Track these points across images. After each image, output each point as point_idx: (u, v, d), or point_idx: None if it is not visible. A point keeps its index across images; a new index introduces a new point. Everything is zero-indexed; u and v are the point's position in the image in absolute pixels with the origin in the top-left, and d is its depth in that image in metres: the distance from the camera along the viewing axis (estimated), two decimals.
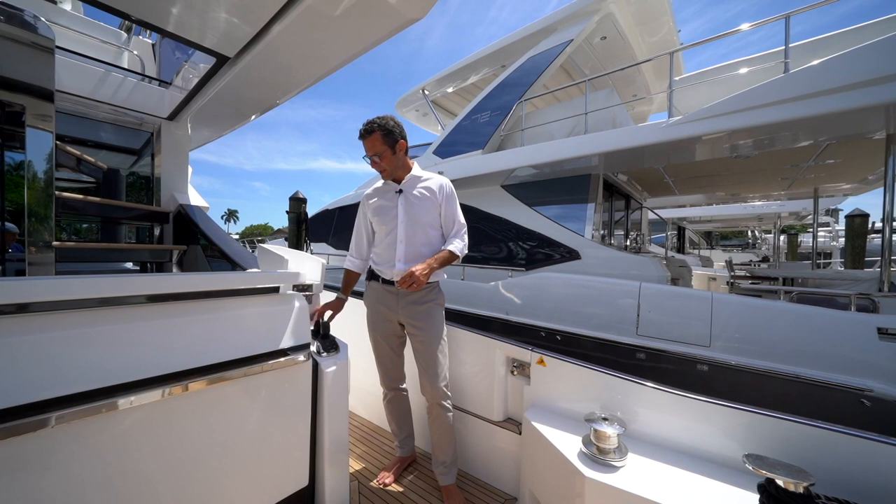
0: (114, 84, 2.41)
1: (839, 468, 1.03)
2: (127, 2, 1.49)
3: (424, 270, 1.62)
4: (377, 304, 1.87)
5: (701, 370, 3.16)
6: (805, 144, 3.71)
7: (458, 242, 1.78)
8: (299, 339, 1.35)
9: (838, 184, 6.08)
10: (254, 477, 1.24)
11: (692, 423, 1.27)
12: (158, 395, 0.97)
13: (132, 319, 0.98)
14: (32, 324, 0.85)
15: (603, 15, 5.03)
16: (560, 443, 1.34)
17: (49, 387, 0.84)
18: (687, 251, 14.10)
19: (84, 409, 0.85)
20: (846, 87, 2.84)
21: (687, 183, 6.44)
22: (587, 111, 4.67)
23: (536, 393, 1.66)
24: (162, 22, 1.61)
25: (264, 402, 1.25)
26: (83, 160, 2.34)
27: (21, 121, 1.68)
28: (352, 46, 1.72)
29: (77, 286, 0.88)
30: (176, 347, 1.04)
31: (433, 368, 1.73)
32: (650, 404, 1.36)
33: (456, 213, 1.84)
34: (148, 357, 0.99)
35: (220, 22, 1.60)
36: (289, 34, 1.60)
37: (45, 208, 1.76)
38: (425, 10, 1.49)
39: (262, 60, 1.83)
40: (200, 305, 1.12)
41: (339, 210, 8.44)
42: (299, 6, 1.42)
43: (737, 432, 1.20)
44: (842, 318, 2.80)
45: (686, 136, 3.60)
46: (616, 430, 1.22)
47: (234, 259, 2.09)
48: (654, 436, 1.34)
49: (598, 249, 4.53)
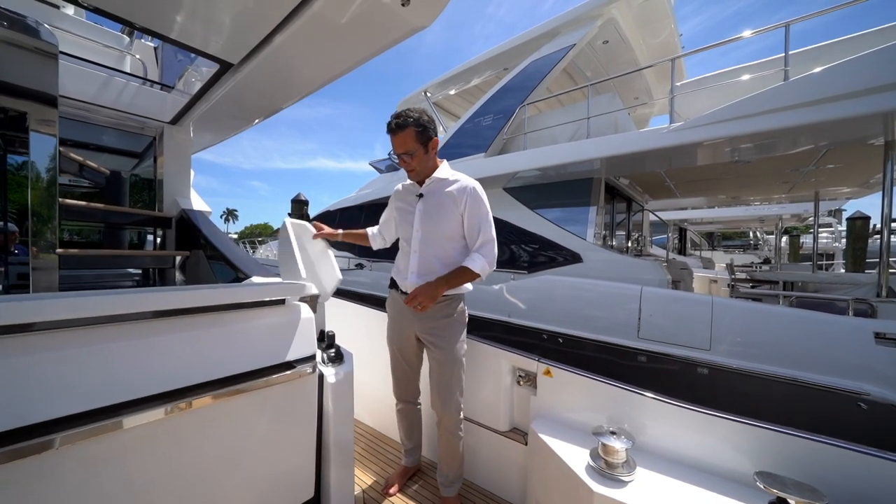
0: (116, 88, 2.40)
1: (852, 487, 1.02)
2: (130, 9, 1.47)
3: (431, 291, 1.49)
4: (396, 315, 1.77)
5: (701, 373, 3.18)
6: (805, 149, 3.72)
7: (478, 260, 1.55)
8: (305, 350, 1.34)
9: (839, 187, 6.09)
10: (261, 490, 1.24)
11: (701, 437, 1.27)
12: (166, 411, 0.96)
13: (138, 336, 0.97)
14: (37, 343, 0.84)
15: (605, 20, 5.05)
16: (567, 455, 1.33)
17: (54, 406, 0.83)
18: (689, 252, 14.09)
19: (90, 429, 0.84)
20: (845, 96, 2.87)
21: (688, 186, 6.45)
22: (590, 115, 4.68)
23: (543, 404, 1.65)
24: (165, 29, 1.60)
25: (271, 414, 1.24)
26: (86, 165, 2.33)
27: (25, 126, 1.67)
28: (357, 53, 1.71)
29: (83, 305, 0.87)
30: (182, 363, 1.03)
31: (445, 390, 1.61)
32: (658, 417, 1.35)
33: (481, 223, 1.60)
34: (154, 373, 0.98)
35: (224, 29, 1.59)
36: (294, 41, 1.59)
37: (48, 215, 1.75)
38: (431, 18, 1.48)
39: (266, 67, 1.82)
40: (207, 319, 1.11)
41: (340, 211, 8.44)
42: (305, 14, 1.41)
43: (747, 447, 1.19)
44: (839, 323, 2.83)
45: (687, 141, 3.61)
46: (624, 444, 1.21)
47: (237, 266, 2.08)
48: (663, 449, 1.33)
49: (599, 253, 4.54)
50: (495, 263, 1.60)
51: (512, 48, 6.07)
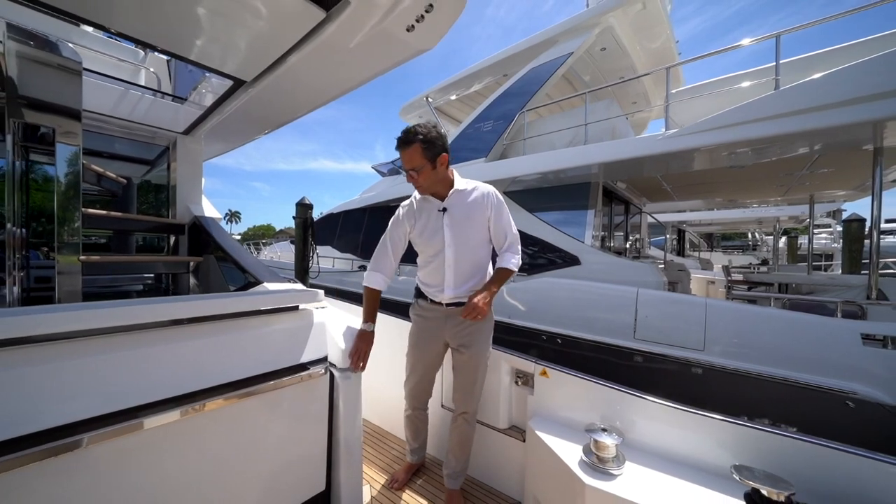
0: (132, 101, 2.51)
1: (822, 479, 1.12)
2: (154, 34, 1.57)
3: (487, 299, 1.53)
4: (425, 325, 1.80)
5: (695, 373, 3.27)
6: (798, 154, 3.81)
7: (513, 258, 1.66)
8: (317, 353, 1.44)
9: (833, 190, 6.18)
10: (276, 483, 1.34)
11: (686, 434, 1.37)
12: (183, 413, 1.05)
13: (163, 342, 1.07)
14: (67, 350, 0.92)
15: (603, 28, 5.15)
16: (562, 451, 1.44)
17: (82, 408, 0.91)
18: (687, 253, 14.17)
19: (115, 430, 0.93)
20: (835, 104, 2.96)
21: (685, 190, 6.54)
22: (587, 122, 4.78)
23: (539, 403, 1.75)
24: (185, 52, 1.70)
25: (285, 413, 1.34)
26: (104, 175, 2.43)
27: (51, 139, 1.78)
28: (363, 73, 1.82)
29: (105, 315, 0.95)
30: (202, 367, 1.12)
31: (471, 385, 1.71)
32: (647, 415, 1.45)
33: (507, 224, 1.69)
34: (175, 377, 1.07)
35: (240, 51, 1.69)
36: (305, 62, 1.68)
37: (72, 223, 1.86)
38: (434, 41, 1.58)
39: (278, 84, 1.91)
40: (225, 326, 1.22)
41: (343, 214, 8.55)
42: (317, 39, 1.51)
43: (728, 443, 1.29)
44: (828, 325, 2.92)
45: (682, 148, 3.71)
46: (614, 440, 1.31)
47: (249, 271, 2.18)
48: (650, 445, 1.43)
49: (597, 255, 4.63)
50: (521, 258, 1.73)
51: (512, 55, 6.18)
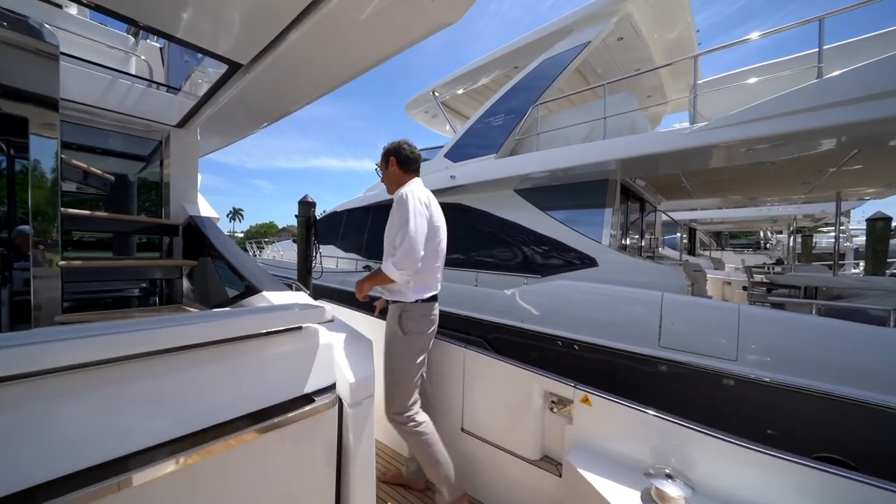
0: (121, 91, 2.30)
1: None
2: (134, 7, 1.37)
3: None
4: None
5: (727, 384, 3.04)
6: (834, 150, 3.56)
7: (388, 260, 1.76)
8: (324, 380, 1.22)
9: (862, 188, 5.91)
10: None
11: (762, 480, 1.14)
12: (177, 462, 0.85)
13: (148, 376, 0.86)
14: (31, 392, 0.73)
15: (621, 16, 4.87)
16: (613, 496, 1.21)
17: (54, 465, 0.72)
18: (698, 253, 13.89)
19: (94, 491, 0.73)
20: (884, 94, 2.69)
21: (705, 187, 6.28)
22: (606, 115, 4.52)
23: (580, 434, 1.53)
24: (171, 28, 1.49)
25: (287, 455, 1.13)
26: (89, 172, 2.23)
27: (24, 130, 1.57)
28: (374, 53, 1.60)
29: (80, 350, 0.75)
30: (192, 404, 0.92)
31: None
32: (712, 454, 1.22)
33: (395, 229, 1.73)
34: (163, 418, 0.87)
35: (233, 27, 1.48)
36: (307, 40, 1.47)
37: (50, 225, 1.66)
38: (460, 13, 1.36)
39: (277, 67, 1.71)
40: (215, 353, 1.00)
41: (347, 213, 8.35)
42: (321, 10, 1.29)
43: (814, 494, 1.06)
44: (883, 336, 2.65)
45: (714, 142, 3.47)
46: (683, 491, 1.09)
47: (247, 277, 1.98)
48: (719, 491, 1.20)
49: (615, 256, 4.39)
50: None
51: (523, 46, 5.90)
